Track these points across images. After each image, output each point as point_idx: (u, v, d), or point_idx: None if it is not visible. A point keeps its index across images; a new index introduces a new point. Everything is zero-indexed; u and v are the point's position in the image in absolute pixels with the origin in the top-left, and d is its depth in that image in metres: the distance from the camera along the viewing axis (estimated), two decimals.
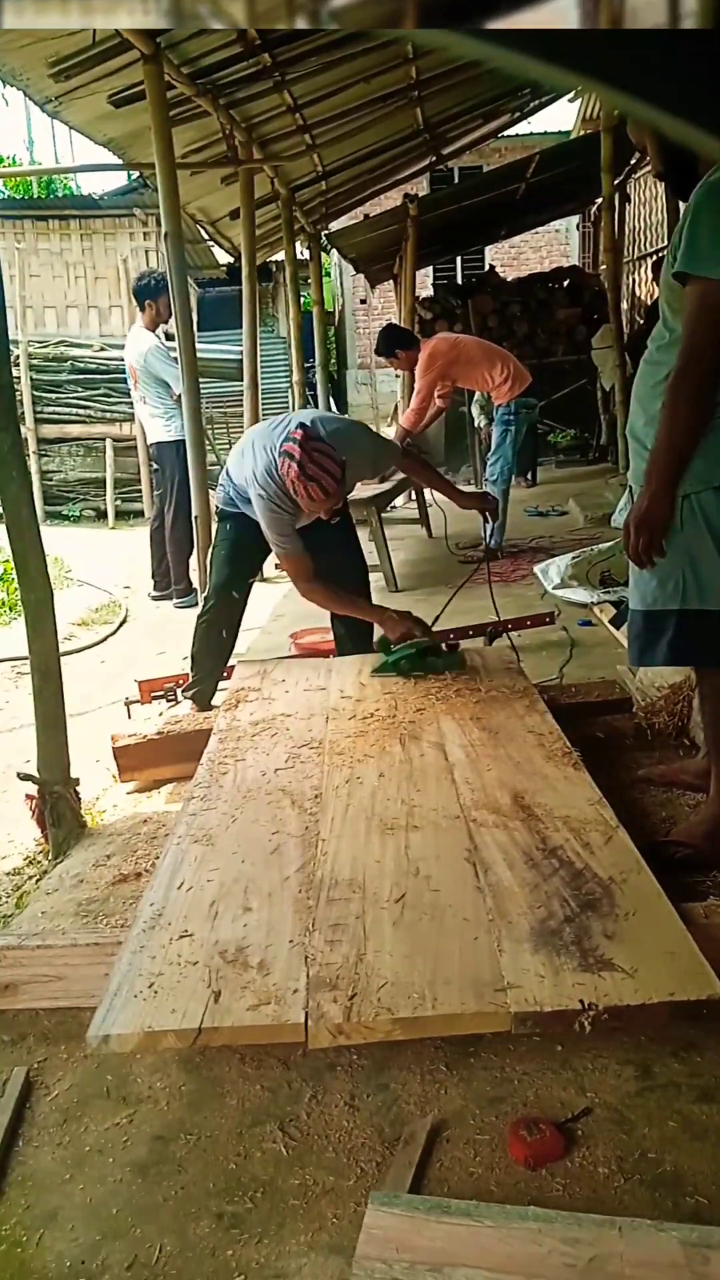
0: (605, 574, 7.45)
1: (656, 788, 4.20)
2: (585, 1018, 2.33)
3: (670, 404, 3.20)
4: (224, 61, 7.31)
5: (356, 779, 3.65)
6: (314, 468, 4.36)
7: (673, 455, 3.25)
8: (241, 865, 3.10)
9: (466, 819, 3.28)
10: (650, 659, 3.64)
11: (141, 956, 2.64)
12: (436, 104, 11.39)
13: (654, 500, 3.30)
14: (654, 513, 3.31)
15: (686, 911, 2.80)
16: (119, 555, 10.90)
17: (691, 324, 3.09)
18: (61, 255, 15.08)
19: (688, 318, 3.10)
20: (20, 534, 3.95)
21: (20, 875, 4.11)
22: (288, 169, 11.00)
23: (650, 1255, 1.87)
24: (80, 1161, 2.50)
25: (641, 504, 3.34)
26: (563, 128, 19.38)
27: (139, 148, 8.20)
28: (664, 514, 3.31)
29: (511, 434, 8.75)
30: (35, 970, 3.05)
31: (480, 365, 8.63)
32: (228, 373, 13.41)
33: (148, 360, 8.38)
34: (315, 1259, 2.15)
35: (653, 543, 3.35)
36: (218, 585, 5.20)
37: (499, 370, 8.57)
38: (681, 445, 3.23)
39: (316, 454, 4.38)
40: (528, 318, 15.43)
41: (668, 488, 3.28)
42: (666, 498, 3.29)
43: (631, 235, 16.47)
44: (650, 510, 3.32)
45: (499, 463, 8.87)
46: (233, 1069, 2.76)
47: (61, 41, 6.20)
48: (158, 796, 4.71)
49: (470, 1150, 2.42)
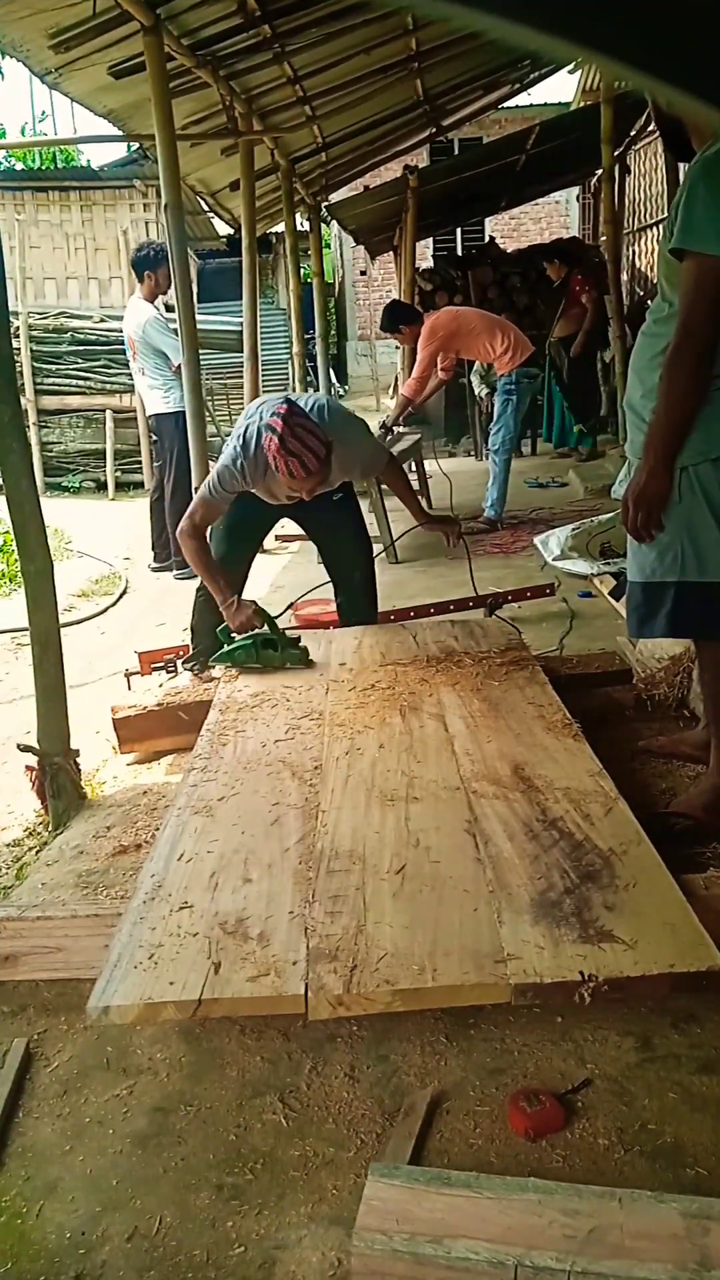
0: (605, 545, 7.43)
1: (656, 759, 4.20)
2: (585, 989, 2.32)
3: (667, 378, 3.19)
4: (224, 33, 7.25)
5: (357, 750, 3.65)
6: (295, 443, 4.30)
7: (670, 429, 3.24)
8: (242, 836, 3.10)
9: (467, 790, 3.27)
10: (649, 630, 3.64)
11: (141, 928, 2.64)
12: (437, 75, 11.31)
13: (652, 474, 3.30)
14: (652, 487, 3.31)
15: (687, 883, 2.80)
16: (119, 527, 10.87)
17: (688, 299, 3.08)
18: (61, 226, 15.01)
19: (684, 293, 3.09)
20: (20, 505, 3.94)
21: (20, 847, 4.11)
22: (288, 140, 10.94)
23: (650, 1226, 1.88)
24: (80, 1133, 2.50)
25: (640, 478, 3.34)
26: (563, 99, 19.28)
27: (139, 119, 8.14)
28: (662, 488, 3.30)
29: (514, 403, 8.81)
30: (35, 942, 3.06)
31: (482, 336, 8.67)
32: (228, 344, 13.37)
33: (146, 331, 8.34)
34: (315, 1230, 2.15)
35: (651, 517, 3.35)
36: (218, 558, 5.18)
37: (500, 340, 8.61)
38: (678, 419, 3.22)
39: (300, 430, 4.33)
40: (528, 289, 15.37)
41: (666, 461, 3.27)
42: (664, 471, 3.28)
43: (631, 207, 16.36)
44: (648, 484, 3.31)
45: (501, 432, 8.95)
46: (233, 1040, 2.77)
47: (62, 13, 6.15)
48: (158, 768, 4.70)
49: (470, 1122, 2.42)
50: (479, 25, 0.67)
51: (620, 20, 0.63)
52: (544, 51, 0.72)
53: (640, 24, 0.63)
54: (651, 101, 3.59)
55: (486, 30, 0.67)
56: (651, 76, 0.68)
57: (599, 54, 0.67)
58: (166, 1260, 2.12)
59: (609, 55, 0.67)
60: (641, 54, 0.65)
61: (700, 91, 0.68)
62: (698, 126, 3.20)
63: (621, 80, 4.58)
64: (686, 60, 0.66)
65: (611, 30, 0.64)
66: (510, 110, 19.18)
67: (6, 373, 3.84)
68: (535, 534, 8.17)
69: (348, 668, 4.55)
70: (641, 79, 0.68)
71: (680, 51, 0.65)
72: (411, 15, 8.33)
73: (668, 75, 0.67)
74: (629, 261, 16.36)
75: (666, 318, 3.27)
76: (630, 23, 0.63)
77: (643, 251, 16.31)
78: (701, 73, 0.67)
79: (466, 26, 1.03)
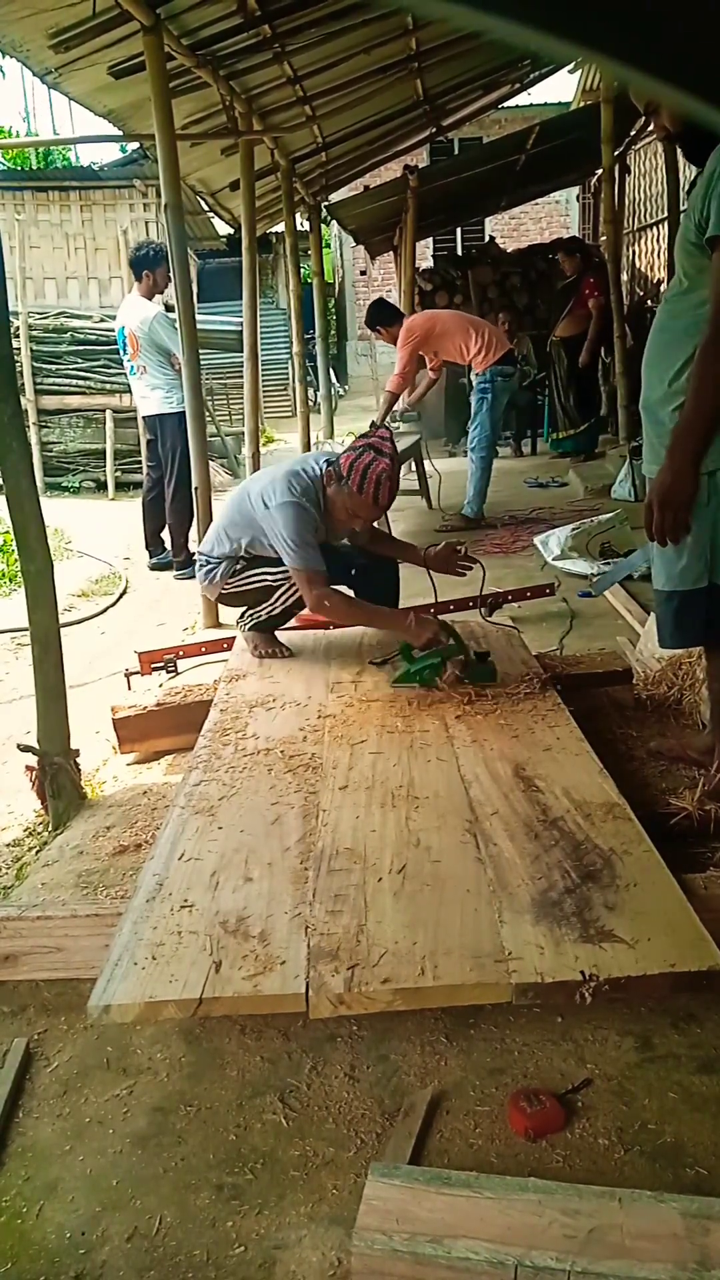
0: (605, 545, 7.45)
1: (657, 759, 4.19)
2: (586, 989, 2.32)
3: (698, 374, 3.14)
4: (224, 32, 7.26)
5: (358, 750, 3.65)
6: (395, 468, 4.36)
7: (698, 426, 3.17)
8: (242, 836, 3.10)
9: (467, 790, 3.27)
10: (685, 640, 3.62)
11: (143, 927, 2.64)
12: (437, 75, 11.34)
13: (678, 476, 3.22)
14: (678, 488, 3.23)
15: (687, 883, 2.80)
16: (119, 526, 10.85)
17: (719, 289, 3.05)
18: (61, 226, 15.05)
19: (716, 283, 3.06)
20: (20, 505, 3.93)
21: (20, 846, 4.11)
22: (288, 140, 10.96)
23: (650, 1226, 1.88)
24: (80, 1133, 2.50)
25: (664, 479, 3.26)
26: (563, 99, 19.32)
27: (139, 119, 8.16)
28: (689, 488, 3.23)
29: (489, 401, 8.88)
30: (35, 941, 3.05)
31: (455, 336, 8.77)
32: (227, 344, 13.38)
33: (152, 328, 8.28)
34: (315, 1230, 2.15)
35: (678, 519, 3.27)
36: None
37: (474, 340, 8.69)
38: (709, 415, 3.15)
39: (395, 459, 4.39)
40: (528, 289, 15.39)
41: (692, 461, 3.21)
42: (691, 471, 3.21)
43: (631, 206, 16.37)
44: (674, 485, 3.24)
45: (477, 430, 9.04)
46: (233, 1040, 2.77)
47: (61, 12, 6.16)
48: (158, 768, 4.70)
49: (470, 1121, 2.42)
50: (479, 25, 0.67)
51: (620, 20, 0.63)
52: (544, 51, 0.72)
53: (640, 24, 0.63)
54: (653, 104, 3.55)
55: (486, 30, 0.66)
56: (652, 76, 0.68)
57: (599, 54, 0.67)
58: (166, 1260, 2.12)
59: (609, 55, 0.66)
60: (642, 54, 0.65)
61: (701, 91, 0.68)
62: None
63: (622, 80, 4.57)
64: (687, 60, 0.66)
65: (612, 30, 0.63)
66: (510, 110, 19.22)
67: (6, 372, 3.84)
68: (535, 534, 8.17)
69: (350, 668, 4.54)
70: (642, 79, 0.68)
71: (680, 51, 0.65)
72: (411, 15, 8.33)
73: (668, 75, 0.67)
74: (629, 261, 16.37)
75: (683, 292, 3.25)
76: (630, 22, 0.63)
77: (643, 251, 16.33)
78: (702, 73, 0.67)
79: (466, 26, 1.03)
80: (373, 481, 4.35)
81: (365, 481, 4.35)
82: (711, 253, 3.07)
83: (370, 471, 4.34)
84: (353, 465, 4.38)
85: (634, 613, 5.99)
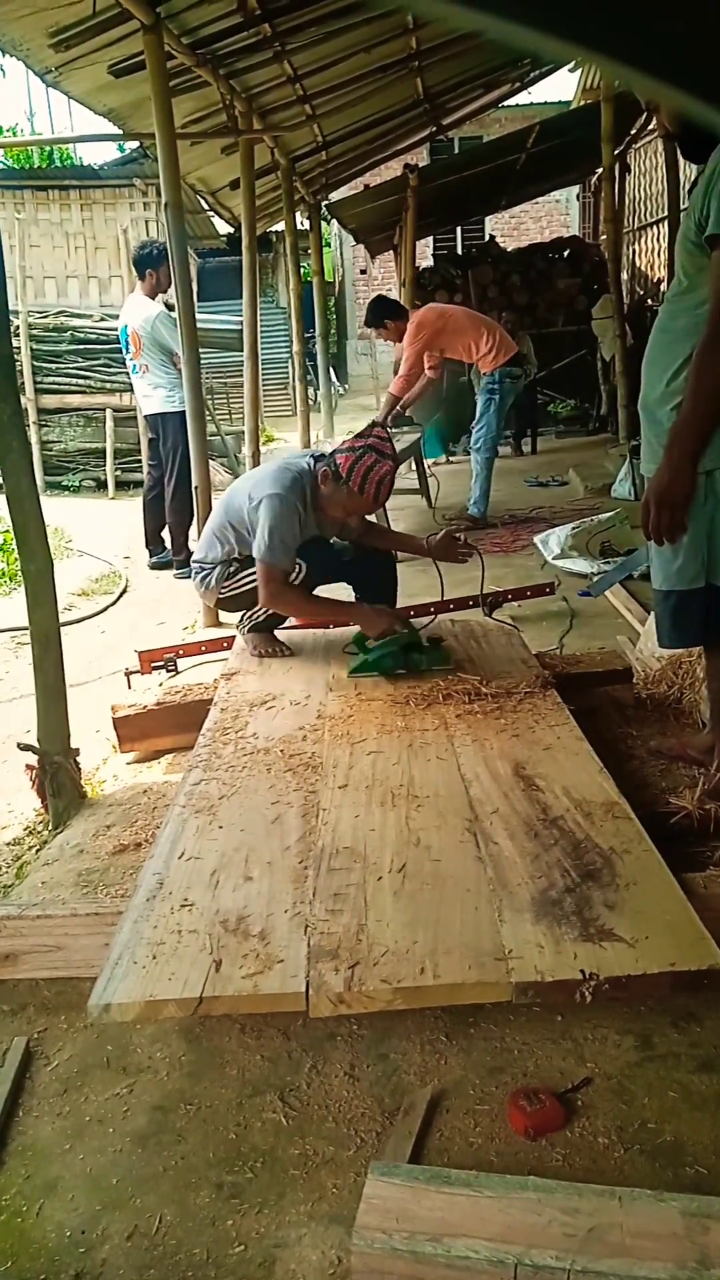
0: (605, 544, 7.45)
1: (657, 759, 4.19)
2: (586, 988, 2.32)
3: (696, 371, 3.13)
4: (224, 31, 7.26)
5: (357, 748, 3.65)
6: (395, 470, 4.40)
7: (696, 425, 3.16)
8: (242, 835, 3.10)
9: (467, 789, 3.27)
10: (683, 640, 3.62)
11: (143, 925, 2.64)
12: (437, 74, 11.34)
13: (675, 474, 3.21)
14: (676, 486, 3.21)
15: (687, 882, 2.80)
16: (119, 525, 10.84)
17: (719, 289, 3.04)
18: (61, 225, 15.03)
19: (715, 282, 3.05)
20: (20, 504, 3.93)
21: (20, 845, 4.11)
22: (288, 139, 10.96)
23: (650, 1225, 1.88)
24: (80, 1131, 2.50)
25: (662, 478, 3.24)
26: (563, 98, 19.30)
27: (139, 118, 8.16)
28: (686, 487, 3.21)
29: (496, 402, 8.80)
30: (35, 940, 3.05)
31: (466, 334, 8.65)
32: (228, 343, 13.36)
33: (155, 327, 8.27)
34: (315, 1229, 2.15)
35: (675, 519, 3.25)
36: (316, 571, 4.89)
37: (485, 340, 8.59)
38: (706, 413, 3.14)
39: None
40: (528, 288, 15.37)
41: (690, 460, 3.19)
42: (689, 470, 3.20)
43: (631, 205, 16.39)
44: (672, 485, 3.22)
45: (483, 430, 8.96)
46: (233, 1039, 2.77)
47: (62, 11, 6.16)
48: (158, 767, 4.70)
49: (470, 1120, 2.42)
50: (479, 25, 0.67)
51: (620, 20, 0.63)
52: (544, 51, 0.72)
53: (640, 24, 0.63)
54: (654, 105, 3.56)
55: (486, 30, 0.66)
56: (652, 76, 0.68)
57: (598, 54, 0.67)
58: (166, 1259, 2.12)
59: (609, 55, 0.66)
60: (641, 54, 0.65)
61: (701, 91, 0.68)
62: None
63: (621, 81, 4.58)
64: (687, 60, 0.66)
65: (611, 30, 0.63)
66: (510, 109, 19.21)
67: (6, 371, 3.84)
68: (535, 533, 8.16)
69: (349, 667, 4.54)
70: (641, 79, 0.68)
71: (680, 51, 0.65)
72: (411, 14, 8.33)
73: (668, 75, 0.67)
74: (629, 260, 16.38)
75: (683, 291, 3.25)
76: (630, 22, 0.63)
77: (643, 250, 16.34)
78: (702, 73, 0.67)
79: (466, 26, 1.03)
80: (374, 484, 4.41)
81: (367, 483, 4.40)
82: (711, 251, 3.07)
83: (373, 474, 4.39)
84: (353, 467, 4.40)
85: (634, 612, 5.98)
